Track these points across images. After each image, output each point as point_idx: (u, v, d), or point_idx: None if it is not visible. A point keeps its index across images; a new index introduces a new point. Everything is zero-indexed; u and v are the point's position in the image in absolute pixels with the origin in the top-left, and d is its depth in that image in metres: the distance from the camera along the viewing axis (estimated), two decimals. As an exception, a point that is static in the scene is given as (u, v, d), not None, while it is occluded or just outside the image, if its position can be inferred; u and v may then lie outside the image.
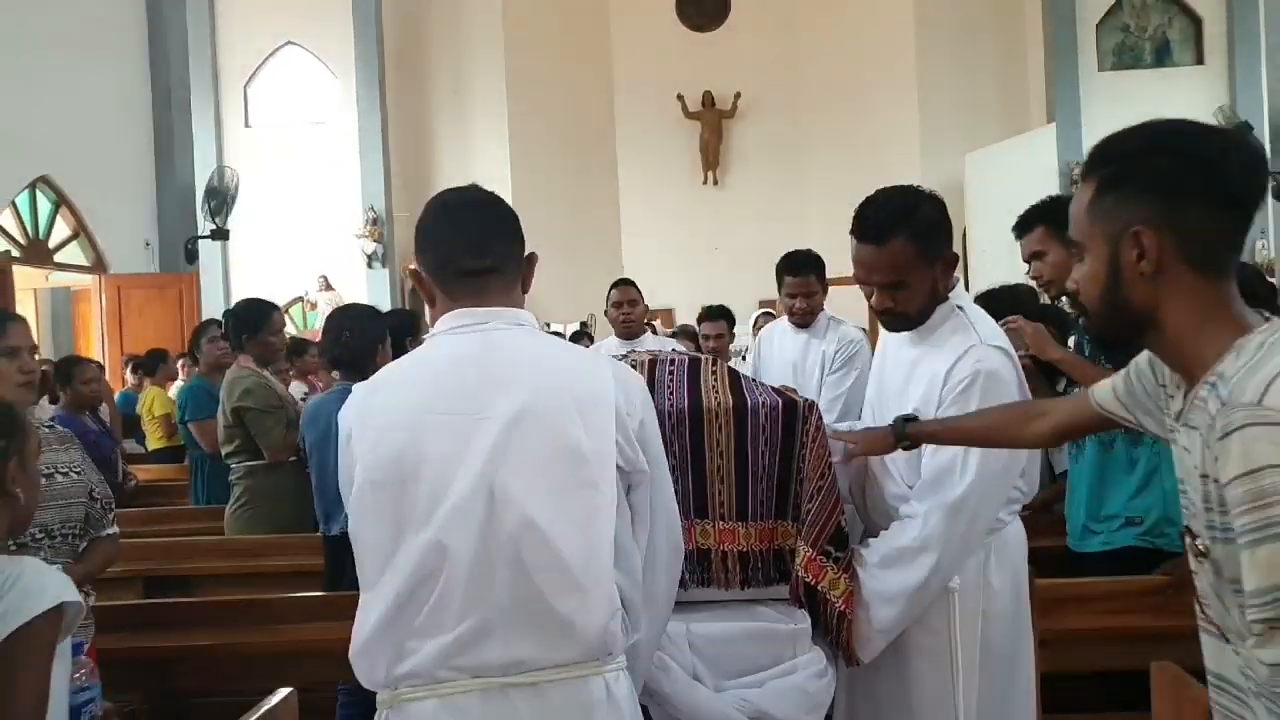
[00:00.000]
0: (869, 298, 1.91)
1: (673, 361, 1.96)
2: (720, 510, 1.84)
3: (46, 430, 2.17)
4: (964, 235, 11.31)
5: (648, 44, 12.43)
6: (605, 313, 4.72)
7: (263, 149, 11.24)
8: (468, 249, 1.40)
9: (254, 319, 3.72)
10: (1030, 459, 1.97)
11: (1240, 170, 1.07)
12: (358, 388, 1.42)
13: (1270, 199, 10.48)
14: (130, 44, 10.02)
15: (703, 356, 2.01)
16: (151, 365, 7.16)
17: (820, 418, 1.87)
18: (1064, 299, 2.71)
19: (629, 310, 4.45)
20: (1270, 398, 0.97)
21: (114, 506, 2.31)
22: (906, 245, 1.80)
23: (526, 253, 1.47)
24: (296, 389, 5.68)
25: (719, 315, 4.81)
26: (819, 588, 1.80)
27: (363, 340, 2.98)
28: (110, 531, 2.24)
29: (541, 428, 1.30)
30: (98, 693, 1.65)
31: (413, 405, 1.34)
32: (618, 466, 1.32)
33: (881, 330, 2.10)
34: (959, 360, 1.81)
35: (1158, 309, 1.11)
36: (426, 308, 1.47)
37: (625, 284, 4.60)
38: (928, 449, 1.84)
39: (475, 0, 11.88)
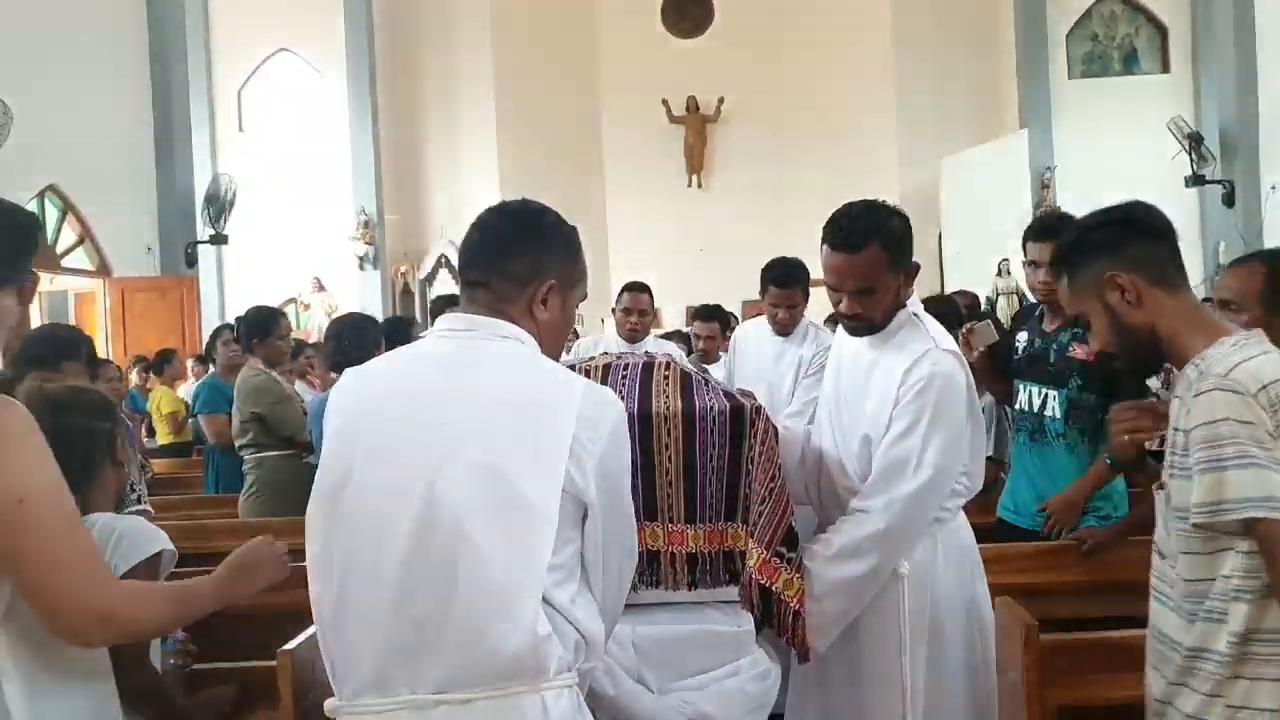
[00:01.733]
0: (836, 305, 1.95)
1: (627, 366, 1.92)
2: (669, 512, 1.80)
3: None
4: (939, 237, 11.34)
5: (633, 50, 12.41)
6: (613, 311, 4.56)
7: (256, 154, 11.17)
8: (465, 258, 1.40)
9: (263, 324, 4.03)
10: (974, 455, 2.01)
11: (1143, 212, 1.52)
12: (348, 370, 1.41)
13: (1221, 205, 10.60)
14: (133, 58, 10.06)
15: (657, 361, 1.97)
16: (159, 365, 7.28)
17: (768, 421, 1.84)
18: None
19: (638, 320, 4.30)
20: (1235, 374, 1.32)
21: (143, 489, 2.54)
22: (879, 254, 1.86)
23: (550, 278, 1.38)
24: (299, 389, 5.81)
25: (711, 315, 4.64)
26: (773, 589, 1.77)
27: (360, 345, 3.31)
28: (142, 507, 2.50)
29: (486, 445, 1.25)
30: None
31: (375, 399, 1.32)
32: (565, 490, 1.25)
33: (838, 332, 2.14)
34: (915, 363, 1.86)
35: (1154, 325, 1.45)
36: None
37: (638, 291, 4.38)
38: (882, 443, 1.86)
39: (465, 8, 11.86)
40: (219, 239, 10.54)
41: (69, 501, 1.26)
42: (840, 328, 2.10)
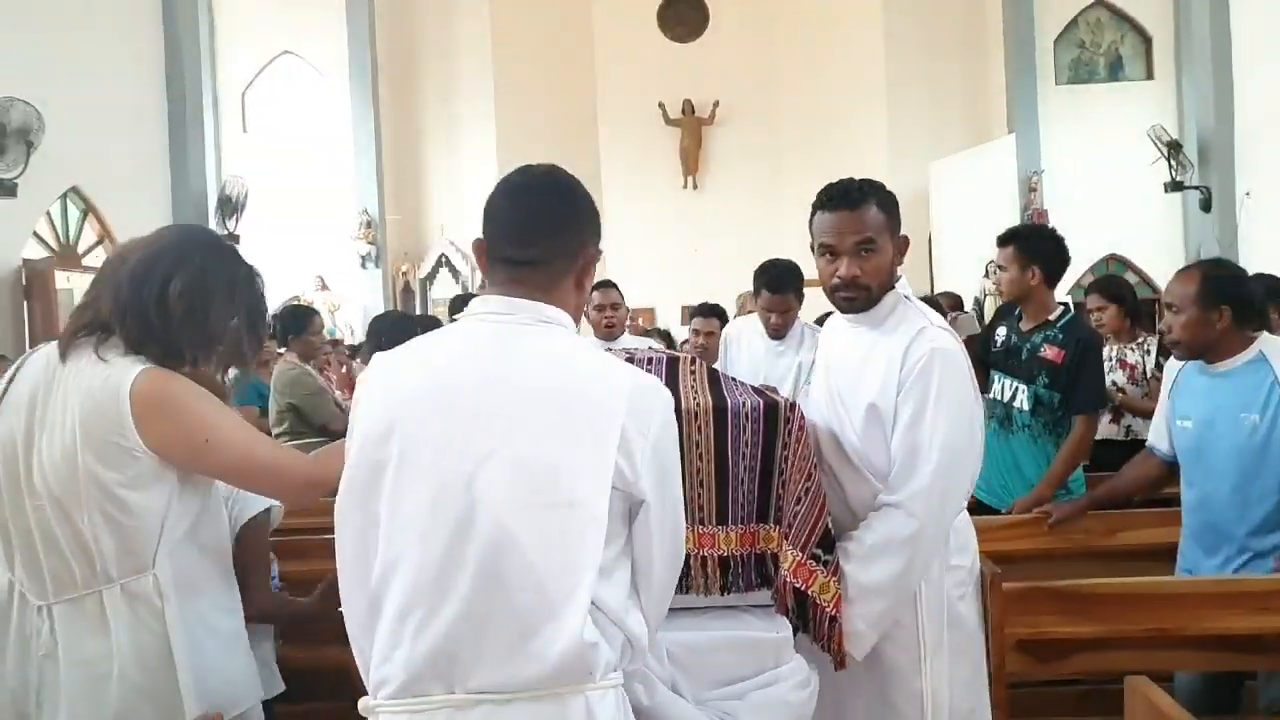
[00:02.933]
0: (830, 277, 1.84)
1: (650, 361, 1.79)
2: (699, 514, 1.66)
3: None
4: (929, 239, 11.27)
5: (630, 53, 12.31)
6: (586, 313, 4.51)
7: (260, 155, 11.05)
8: (512, 236, 1.24)
9: (299, 321, 4.33)
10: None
11: None
12: (376, 357, 1.27)
13: (1198, 210, 10.58)
14: (149, 64, 10.11)
15: (681, 356, 1.85)
16: None
17: (802, 418, 1.71)
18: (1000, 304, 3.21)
19: (611, 314, 4.24)
20: None
21: None
22: (876, 211, 1.82)
23: (593, 250, 1.28)
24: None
25: (710, 313, 4.52)
26: (809, 593, 1.64)
27: (396, 342, 3.46)
28: None
29: (533, 437, 1.14)
30: (276, 569, 2.04)
31: (415, 390, 1.19)
32: (615, 486, 1.14)
33: (827, 325, 2.05)
34: (913, 341, 1.77)
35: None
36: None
37: (607, 286, 4.36)
38: (895, 434, 1.75)
39: (465, 12, 11.77)
40: (231, 239, 10.46)
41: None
42: (827, 326, 2.00)
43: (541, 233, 1.24)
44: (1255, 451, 2.23)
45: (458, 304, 4.84)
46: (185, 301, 1.49)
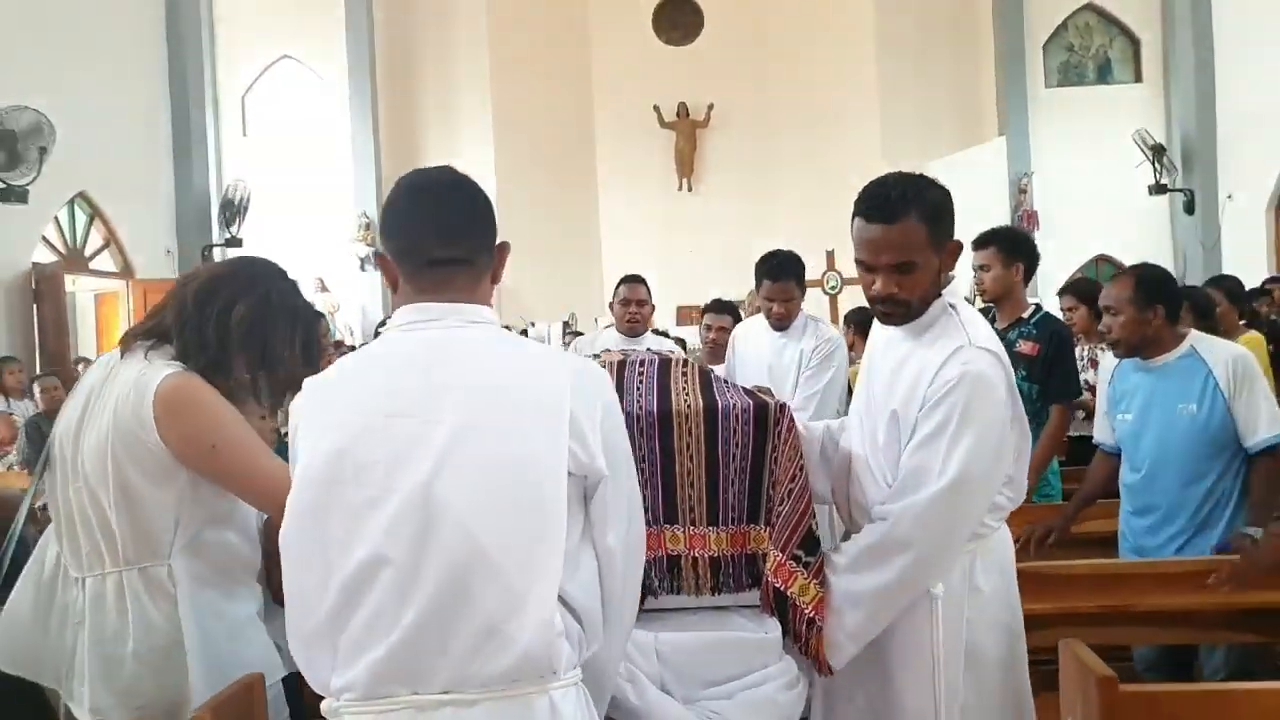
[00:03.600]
0: (869, 288, 1.69)
1: (642, 363, 1.78)
2: (690, 515, 1.65)
3: None
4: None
5: (626, 57, 12.28)
6: (610, 306, 4.41)
7: (259, 158, 11.03)
8: (435, 236, 1.22)
9: None
10: (1018, 463, 1.75)
11: None
12: (307, 382, 1.24)
13: (1183, 212, 10.61)
14: (153, 71, 10.15)
15: (674, 357, 1.84)
16: None
17: (792, 419, 1.70)
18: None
19: (636, 310, 4.11)
20: None
21: None
22: (917, 226, 1.61)
23: (498, 242, 1.28)
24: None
25: (723, 309, 4.47)
26: (789, 593, 1.61)
27: None
28: None
29: (486, 438, 1.13)
30: None
31: (355, 406, 1.17)
32: (570, 473, 1.14)
33: (873, 329, 1.88)
34: (947, 361, 1.61)
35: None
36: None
37: (636, 281, 4.19)
38: (907, 448, 1.64)
39: (462, 17, 11.73)
40: (234, 242, 10.48)
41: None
42: (873, 329, 1.85)
43: (462, 230, 1.24)
44: (1194, 439, 2.41)
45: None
46: (246, 325, 1.60)
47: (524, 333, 8.10)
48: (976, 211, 10.92)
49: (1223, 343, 2.58)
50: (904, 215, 1.62)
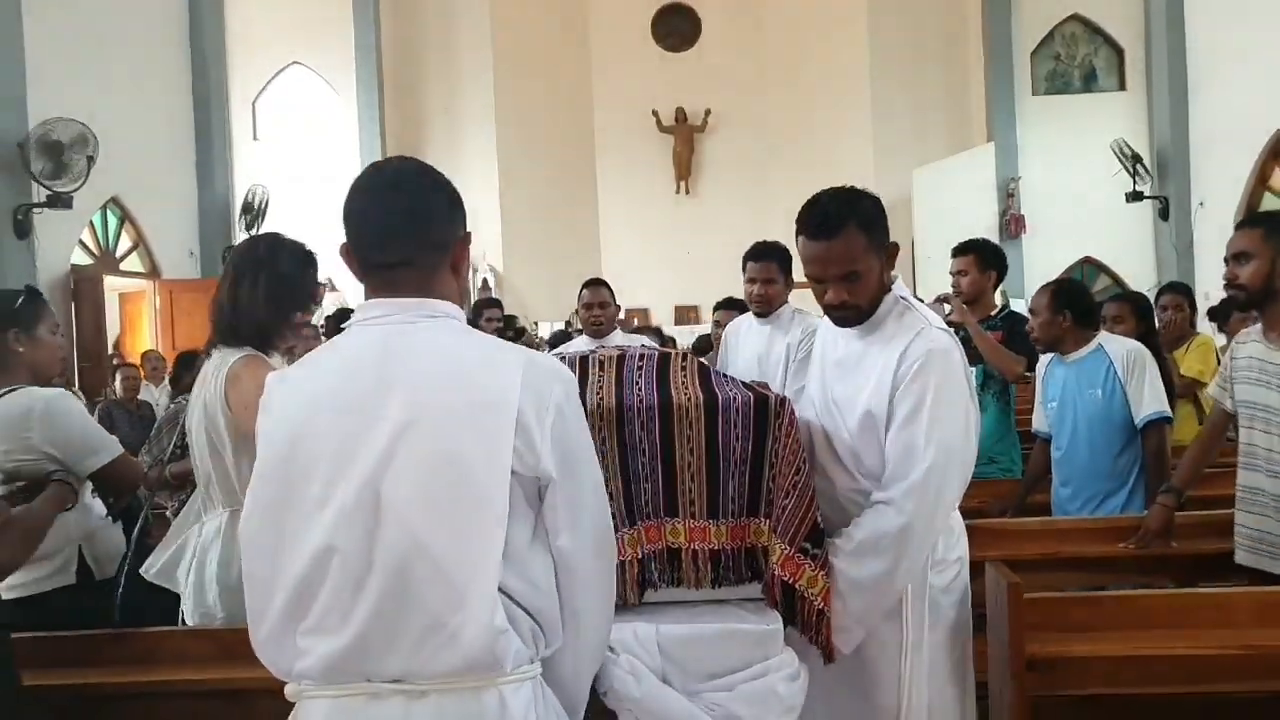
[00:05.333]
0: (820, 297, 1.79)
1: (641, 357, 1.73)
2: (691, 508, 1.60)
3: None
4: (912, 244, 11.23)
5: (625, 64, 12.26)
6: (576, 311, 4.43)
7: (270, 161, 11.00)
8: (373, 241, 1.17)
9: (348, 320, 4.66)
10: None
11: None
12: (269, 377, 1.20)
13: (1156, 218, 10.58)
14: (177, 83, 10.26)
15: (672, 352, 1.79)
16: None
17: (793, 413, 1.65)
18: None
19: (599, 313, 4.15)
20: None
21: None
22: (857, 235, 1.70)
23: (462, 233, 1.21)
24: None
25: (731, 305, 4.43)
26: (797, 586, 1.57)
27: None
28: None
29: (429, 435, 1.08)
30: None
31: (308, 401, 1.14)
32: (515, 471, 1.09)
33: (821, 327, 1.94)
34: (911, 343, 1.69)
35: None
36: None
37: (596, 285, 4.24)
38: (890, 432, 1.67)
39: (466, 23, 11.71)
40: None
41: None
42: (824, 322, 1.90)
43: (400, 234, 1.16)
44: (1099, 419, 2.88)
45: (478, 309, 4.73)
46: (263, 297, 2.04)
47: (522, 331, 8.04)
48: (966, 215, 10.99)
49: (1123, 340, 3.02)
50: (843, 228, 1.69)
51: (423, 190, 1.19)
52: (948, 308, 3.44)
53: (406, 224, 1.16)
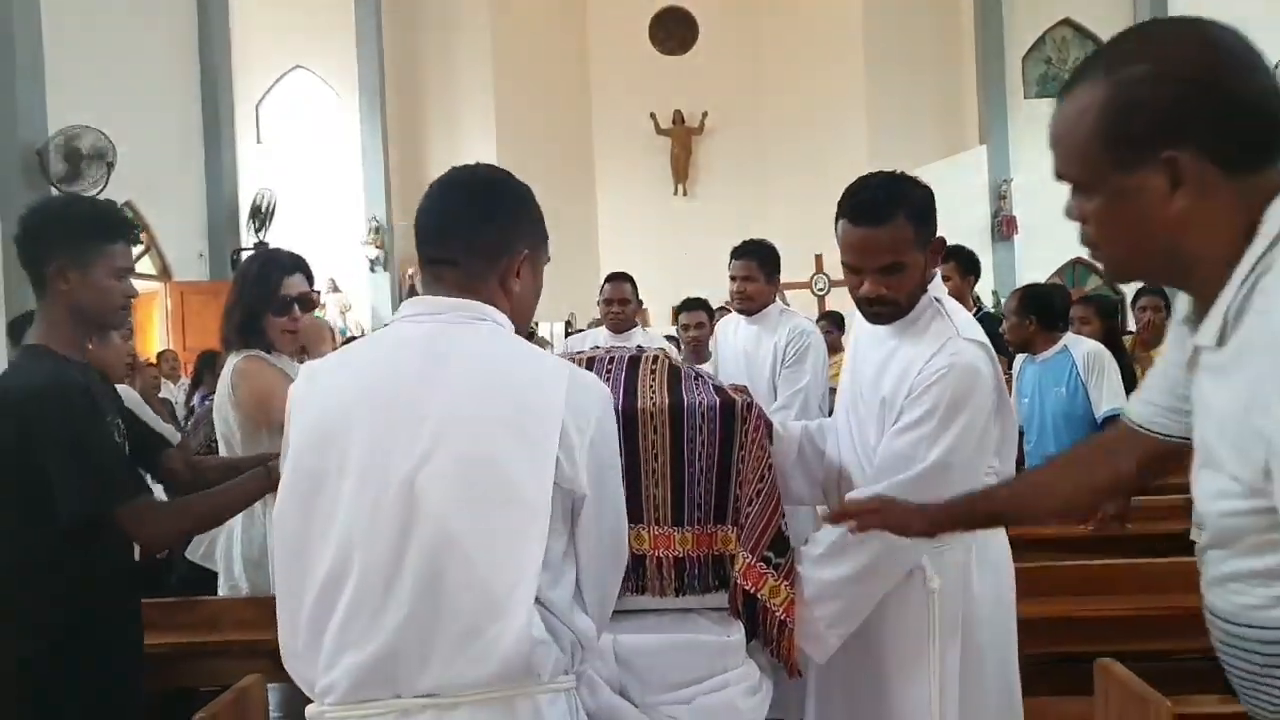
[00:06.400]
0: (855, 289, 1.59)
1: (611, 360, 1.67)
2: (656, 514, 1.54)
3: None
4: (906, 243, 11.18)
5: (624, 67, 12.17)
6: (598, 303, 4.29)
7: (273, 164, 10.94)
8: (429, 235, 1.14)
9: None
10: (1004, 455, 1.65)
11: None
12: (303, 368, 1.15)
13: None
14: (187, 89, 10.25)
15: (644, 355, 1.73)
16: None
17: (760, 418, 1.59)
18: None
19: (619, 309, 4.01)
20: None
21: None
22: (904, 226, 1.53)
23: (522, 249, 1.15)
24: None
25: (697, 305, 4.26)
26: (759, 596, 1.50)
27: None
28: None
29: (473, 434, 1.03)
30: None
31: (348, 395, 1.08)
32: (556, 484, 1.03)
33: (855, 323, 1.76)
34: (936, 353, 1.53)
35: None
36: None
37: (618, 280, 4.06)
38: (886, 435, 1.55)
39: (467, 27, 11.65)
40: (262, 245, 10.50)
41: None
42: (858, 319, 1.73)
43: (451, 233, 1.13)
44: (1062, 413, 3.10)
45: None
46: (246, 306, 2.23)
47: (532, 333, 8.02)
48: (959, 216, 10.92)
49: (1086, 341, 3.24)
50: (891, 216, 1.52)
51: (481, 195, 1.16)
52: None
53: (456, 224, 1.14)
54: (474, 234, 1.13)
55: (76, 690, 1.44)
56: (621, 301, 4.03)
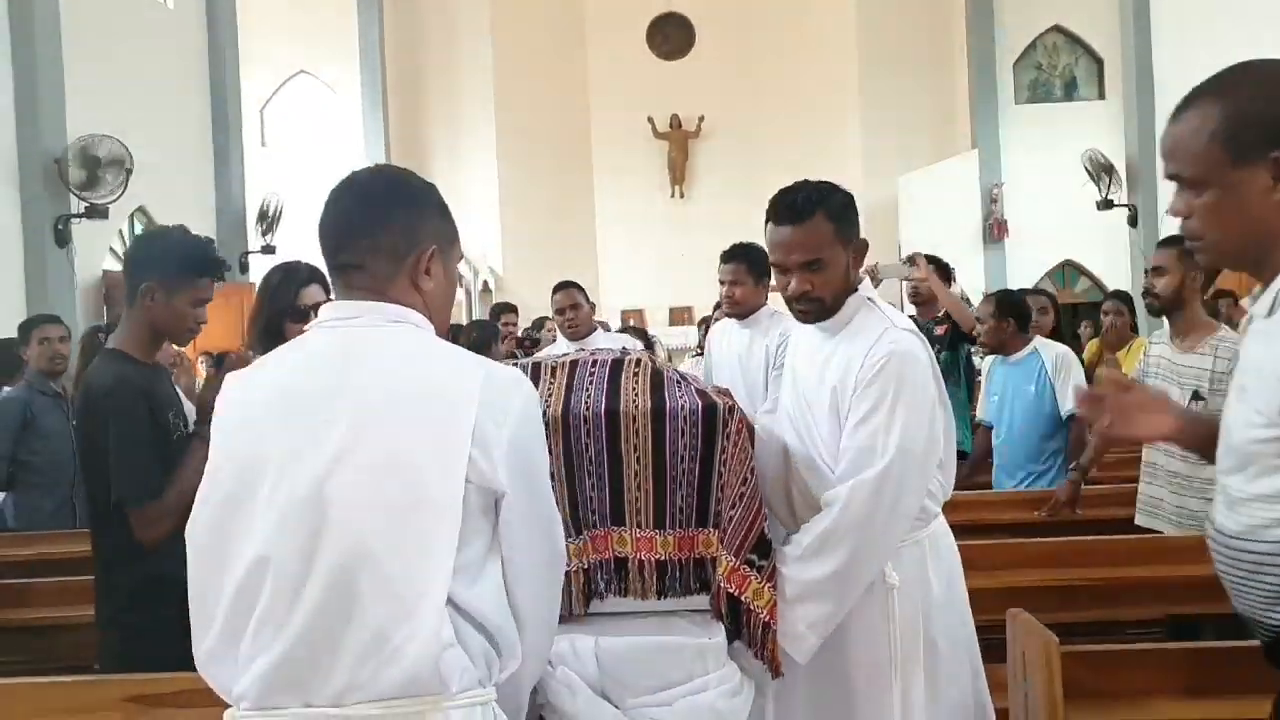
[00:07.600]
0: (784, 289, 1.70)
1: (594, 363, 1.64)
2: (638, 517, 1.51)
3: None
4: (899, 248, 11.14)
5: (621, 71, 12.15)
6: (552, 316, 4.26)
7: (277, 167, 10.94)
8: (330, 243, 1.11)
9: None
10: (946, 451, 1.69)
11: None
12: (229, 375, 1.13)
13: (1127, 225, 10.45)
14: (197, 95, 10.29)
15: (627, 358, 1.70)
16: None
17: (742, 421, 1.56)
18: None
19: (571, 315, 3.96)
20: None
21: None
22: (824, 224, 1.63)
23: (429, 245, 1.12)
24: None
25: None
26: (742, 599, 1.47)
27: (481, 340, 3.96)
28: None
29: (384, 437, 1.00)
30: None
31: (263, 400, 1.06)
32: (469, 480, 1.00)
33: (794, 330, 1.84)
34: (875, 343, 1.60)
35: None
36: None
37: (565, 288, 4.02)
38: (845, 432, 1.57)
39: (467, 33, 11.64)
40: (269, 250, 10.49)
41: None
42: (794, 332, 1.81)
43: (352, 237, 1.10)
44: (1031, 411, 3.26)
45: (496, 312, 4.82)
46: (269, 313, 2.18)
47: (528, 336, 7.97)
48: (951, 220, 10.91)
49: (1054, 344, 3.40)
50: (810, 215, 1.62)
51: (378, 197, 1.12)
52: (914, 270, 3.84)
53: (355, 227, 1.11)
54: (375, 235, 1.09)
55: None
56: (572, 307, 3.98)
